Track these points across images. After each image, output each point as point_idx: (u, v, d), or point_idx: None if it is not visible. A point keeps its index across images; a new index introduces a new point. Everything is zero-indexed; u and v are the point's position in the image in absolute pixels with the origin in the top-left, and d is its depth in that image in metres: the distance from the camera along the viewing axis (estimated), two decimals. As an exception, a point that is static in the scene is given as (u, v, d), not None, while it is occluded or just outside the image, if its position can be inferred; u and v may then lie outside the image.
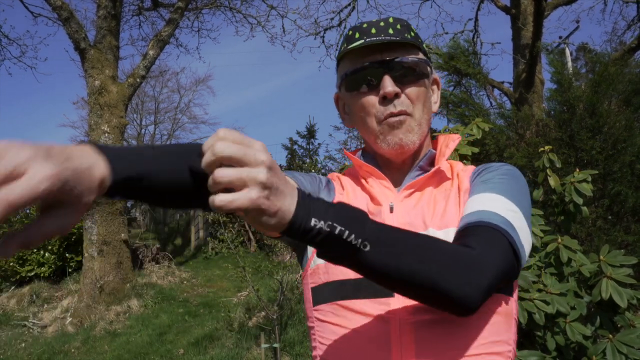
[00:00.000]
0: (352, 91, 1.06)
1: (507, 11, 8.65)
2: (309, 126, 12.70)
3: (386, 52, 1.01)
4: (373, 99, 1.02)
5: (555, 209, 2.49)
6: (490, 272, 0.81)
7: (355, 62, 1.03)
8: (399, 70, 1.01)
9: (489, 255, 0.83)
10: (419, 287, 0.76)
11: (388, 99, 1.01)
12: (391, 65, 1.00)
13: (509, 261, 0.87)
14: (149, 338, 6.08)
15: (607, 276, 2.11)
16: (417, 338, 0.88)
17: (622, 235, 3.73)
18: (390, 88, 0.99)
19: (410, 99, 1.02)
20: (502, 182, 0.97)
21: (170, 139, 25.54)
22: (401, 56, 1.01)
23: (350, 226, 0.69)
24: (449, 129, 2.75)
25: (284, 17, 11.57)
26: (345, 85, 1.07)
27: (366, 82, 1.02)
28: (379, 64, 1.00)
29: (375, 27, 1.03)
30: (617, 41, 11.15)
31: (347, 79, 1.05)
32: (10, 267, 8.33)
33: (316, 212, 0.67)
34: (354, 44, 1.02)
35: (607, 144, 4.02)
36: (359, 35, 1.04)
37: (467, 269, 0.78)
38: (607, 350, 2.04)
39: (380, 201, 1.04)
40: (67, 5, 7.75)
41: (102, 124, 7.66)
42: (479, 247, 0.84)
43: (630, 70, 4.76)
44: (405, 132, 1.02)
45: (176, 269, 8.71)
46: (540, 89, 7.74)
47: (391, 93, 0.99)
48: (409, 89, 1.02)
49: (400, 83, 1.01)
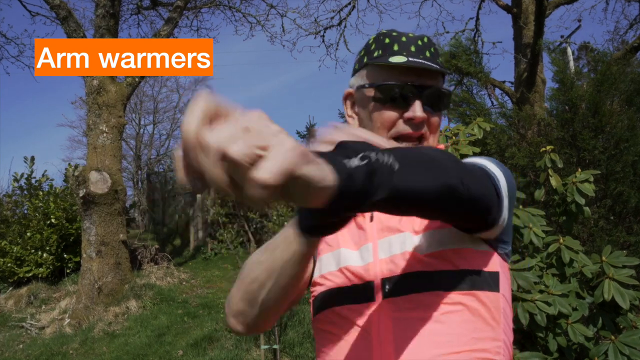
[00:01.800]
0: (378, 102, 1.06)
1: (509, 10, 8.62)
2: (309, 126, 12.70)
3: (423, 77, 1.03)
4: (396, 117, 1.05)
5: (557, 209, 2.47)
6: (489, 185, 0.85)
7: (391, 75, 1.04)
8: (432, 99, 1.04)
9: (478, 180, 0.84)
10: (451, 199, 0.72)
11: (413, 123, 1.04)
12: (427, 92, 1.03)
13: (492, 193, 0.87)
14: (147, 339, 6.05)
15: (609, 277, 2.10)
16: (396, 336, 0.90)
17: (624, 236, 3.70)
18: (420, 113, 1.02)
19: (431, 127, 1.06)
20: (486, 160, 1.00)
21: (170, 139, 25.53)
22: (436, 84, 1.05)
23: (375, 150, 0.63)
24: (449, 129, 2.73)
25: (284, 16, 11.55)
26: (374, 94, 1.07)
27: (396, 98, 1.04)
28: (416, 88, 1.03)
29: (414, 44, 1.06)
30: (619, 40, 11.14)
31: (377, 89, 1.06)
32: (8, 268, 8.30)
33: (345, 154, 0.60)
34: (396, 59, 1.02)
35: (609, 143, 4.00)
36: (397, 47, 1.05)
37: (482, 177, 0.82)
38: (609, 351, 2.03)
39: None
40: (65, 4, 7.73)
41: (100, 123, 7.64)
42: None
43: (632, 70, 4.74)
44: None
45: (175, 270, 8.68)
46: (542, 88, 7.72)
47: (420, 119, 1.03)
48: (433, 117, 1.06)
49: (427, 110, 1.04)
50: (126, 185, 8.15)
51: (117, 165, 7.79)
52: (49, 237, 8.41)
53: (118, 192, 7.38)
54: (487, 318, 0.93)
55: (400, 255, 0.97)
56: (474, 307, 0.92)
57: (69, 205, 8.77)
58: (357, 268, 1.01)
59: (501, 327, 0.95)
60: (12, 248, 8.38)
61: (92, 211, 7.16)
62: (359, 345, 0.94)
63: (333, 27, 11.52)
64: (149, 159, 23.99)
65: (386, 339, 0.91)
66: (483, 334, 0.92)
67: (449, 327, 0.89)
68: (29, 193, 9.26)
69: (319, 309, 1.04)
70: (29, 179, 9.41)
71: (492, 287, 0.94)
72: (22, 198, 9.31)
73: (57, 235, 8.48)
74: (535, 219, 2.24)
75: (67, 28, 7.70)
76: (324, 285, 1.04)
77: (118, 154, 7.88)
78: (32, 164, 9.42)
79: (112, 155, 7.64)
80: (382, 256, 0.99)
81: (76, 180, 7.10)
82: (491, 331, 0.93)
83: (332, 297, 1.01)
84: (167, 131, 25.50)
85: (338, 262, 1.04)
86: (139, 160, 23.10)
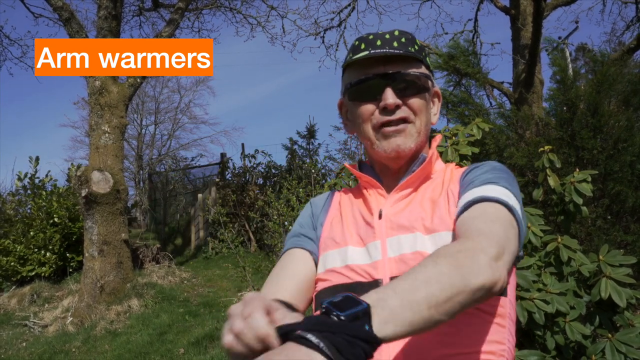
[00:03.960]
0: (355, 100, 1.10)
1: (507, 11, 8.65)
2: (309, 126, 12.71)
3: (389, 65, 1.05)
4: (373, 109, 1.06)
5: (555, 208, 2.49)
6: (497, 244, 0.83)
7: (360, 72, 1.07)
8: (401, 83, 1.05)
9: (489, 230, 0.86)
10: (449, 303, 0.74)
11: (388, 110, 1.04)
12: (393, 77, 1.04)
13: (514, 232, 0.90)
14: (149, 337, 6.08)
15: (606, 276, 2.12)
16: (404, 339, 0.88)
17: (622, 235, 3.73)
18: (391, 100, 1.03)
19: (413, 110, 1.06)
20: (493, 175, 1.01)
21: (171, 139, 25.53)
22: (404, 69, 1.05)
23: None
24: (448, 129, 2.76)
25: (284, 18, 11.58)
26: (349, 94, 1.11)
27: (369, 92, 1.06)
28: (382, 77, 1.04)
29: (380, 39, 1.07)
30: (616, 41, 11.16)
31: (350, 88, 1.09)
32: (11, 267, 8.33)
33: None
34: (359, 55, 1.05)
35: (608, 143, 4.02)
36: (364, 46, 1.07)
37: (472, 256, 0.79)
38: (606, 349, 2.05)
39: (373, 208, 1.09)
40: (68, 6, 7.76)
41: (102, 124, 7.67)
42: (482, 225, 0.87)
43: (629, 71, 4.77)
44: (404, 137, 1.06)
45: (176, 269, 8.70)
46: (540, 89, 7.75)
47: (392, 105, 1.04)
48: (411, 100, 1.06)
49: (402, 95, 1.05)
50: (128, 185, 8.16)
51: (119, 165, 7.82)
52: (51, 237, 8.44)
53: (120, 192, 7.41)
54: (494, 321, 0.95)
55: (411, 254, 0.98)
56: (482, 310, 0.94)
57: (71, 204, 8.79)
58: (364, 266, 1.02)
59: (507, 331, 0.97)
60: (16, 247, 8.41)
61: (94, 211, 7.19)
62: None
63: (333, 28, 11.55)
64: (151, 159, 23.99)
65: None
66: (490, 337, 0.93)
67: (457, 328, 0.90)
68: (32, 192, 9.29)
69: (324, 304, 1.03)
70: (33, 178, 9.44)
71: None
72: (26, 197, 9.33)
73: (60, 235, 8.51)
74: (533, 219, 2.27)
75: (69, 29, 7.73)
76: (328, 282, 1.05)
77: (120, 154, 7.91)
78: (36, 164, 9.44)
79: (114, 155, 7.67)
80: (391, 254, 1.00)
81: (78, 180, 7.13)
82: (497, 334, 0.95)
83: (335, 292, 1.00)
84: (169, 131, 25.50)
85: (344, 259, 1.05)
86: (140, 160, 23.11)
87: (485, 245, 0.81)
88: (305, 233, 1.16)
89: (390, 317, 0.68)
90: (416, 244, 0.99)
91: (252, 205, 9.94)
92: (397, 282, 0.73)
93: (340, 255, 1.06)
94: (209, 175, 13.70)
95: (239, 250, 6.92)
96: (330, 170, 11.10)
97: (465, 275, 0.75)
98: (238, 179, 11.07)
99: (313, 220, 1.19)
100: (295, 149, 12.11)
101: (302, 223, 1.19)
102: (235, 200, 9.66)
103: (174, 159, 21.18)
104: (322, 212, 1.19)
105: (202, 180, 14.29)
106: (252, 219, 9.63)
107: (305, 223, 1.19)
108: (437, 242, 0.97)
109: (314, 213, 1.20)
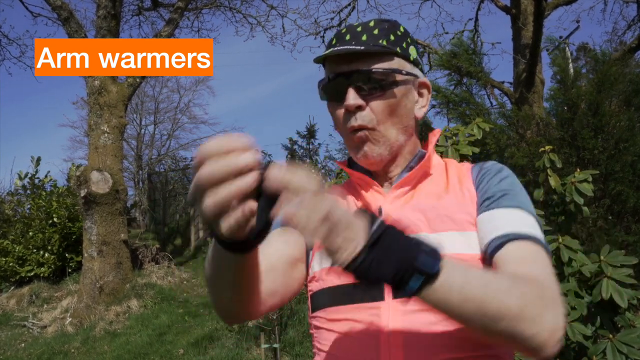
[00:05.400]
0: (327, 101, 1.04)
1: (507, 11, 8.64)
2: (309, 126, 12.70)
3: (354, 63, 0.96)
4: (341, 111, 1.00)
5: (555, 208, 2.48)
6: (560, 304, 0.79)
7: (329, 70, 1.01)
8: (365, 82, 0.96)
9: (552, 280, 0.83)
10: (492, 321, 0.72)
11: (350, 112, 0.98)
12: (354, 76, 0.96)
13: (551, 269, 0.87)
14: (148, 338, 6.07)
15: (607, 276, 2.11)
16: (405, 337, 0.87)
17: (623, 236, 3.72)
18: (351, 101, 0.96)
19: (375, 113, 0.97)
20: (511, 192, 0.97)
21: (170, 139, 25.50)
22: (366, 66, 0.95)
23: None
24: (449, 129, 2.74)
25: (284, 17, 11.56)
26: (321, 94, 1.04)
27: (335, 93, 0.99)
28: (345, 75, 0.96)
29: (351, 33, 0.99)
30: (617, 41, 11.14)
31: (320, 88, 1.03)
32: (9, 267, 8.32)
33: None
34: (325, 53, 0.98)
35: (609, 143, 4.01)
36: (335, 41, 1.00)
37: (547, 305, 0.75)
38: (607, 350, 2.04)
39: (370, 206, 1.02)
40: (66, 5, 7.75)
41: (101, 124, 7.66)
42: (539, 272, 0.83)
43: (630, 70, 4.75)
44: (370, 145, 0.99)
45: (176, 269, 8.69)
46: (541, 89, 7.73)
47: (351, 106, 0.96)
48: (374, 102, 0.97)
49: (367, 95, 0.97)
50: (127, 185, 8.15)
51: (118, 165, 7.81)
52: (51, 237, 8.42)
53: (119, 192, 7.40)
54: None
55: None
56: None
57: (71, 204, 8.78)
58: None
59: None
60: (15, 247, 8.40)
61: (94, 211, 7.17)
62: (365, 346, 0.89)
63: (333, 27, 11.54)
64: (150, 159, 23.97)
65: (395, 339, 0.87)
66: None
67: (461, 330, 0.85)
68: (32, 192, 9.28)
69: (320, 306, 0.99)
70: (33, 178, 9.43)
71: None
72: (25, 197, 9.32)
73: (59, 235, 8.49)
74: (534, 219, 2.25)
75: (68, 29, 7.72)
76: (325, 281, 0.99)
77: (119, 154, 7.90)
78: (37, 164, 9.43)
79: (113, 155, 7.66)
80: None
81: (77, 180, 7.12)
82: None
83: (335, 293, 0.96)
84: (168, 131, 25.49)
85: None
86: (140, 160, 23.10)
87: (558, 301, 0.79)
88: None
89: (441, 290, 0.68)
90: None
91: (252, 206, 9.91)
92: (474, 272, 0.73)
93: None
94: (209, 175, 13.63)
95: (238, 251, 6.89)
96: (330, 171, 11.10)
97: (524, 319, 0.73)
98: (238, 179, 11.02)
99: None
100: (295, 149, 12.10)
101: None
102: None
103: (173, 159, 21.17)
104: None
105: (201, 180, 14.21)
106: (251, 219, 9.60)
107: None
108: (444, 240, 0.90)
109: None
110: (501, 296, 0.71)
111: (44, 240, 8.41)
